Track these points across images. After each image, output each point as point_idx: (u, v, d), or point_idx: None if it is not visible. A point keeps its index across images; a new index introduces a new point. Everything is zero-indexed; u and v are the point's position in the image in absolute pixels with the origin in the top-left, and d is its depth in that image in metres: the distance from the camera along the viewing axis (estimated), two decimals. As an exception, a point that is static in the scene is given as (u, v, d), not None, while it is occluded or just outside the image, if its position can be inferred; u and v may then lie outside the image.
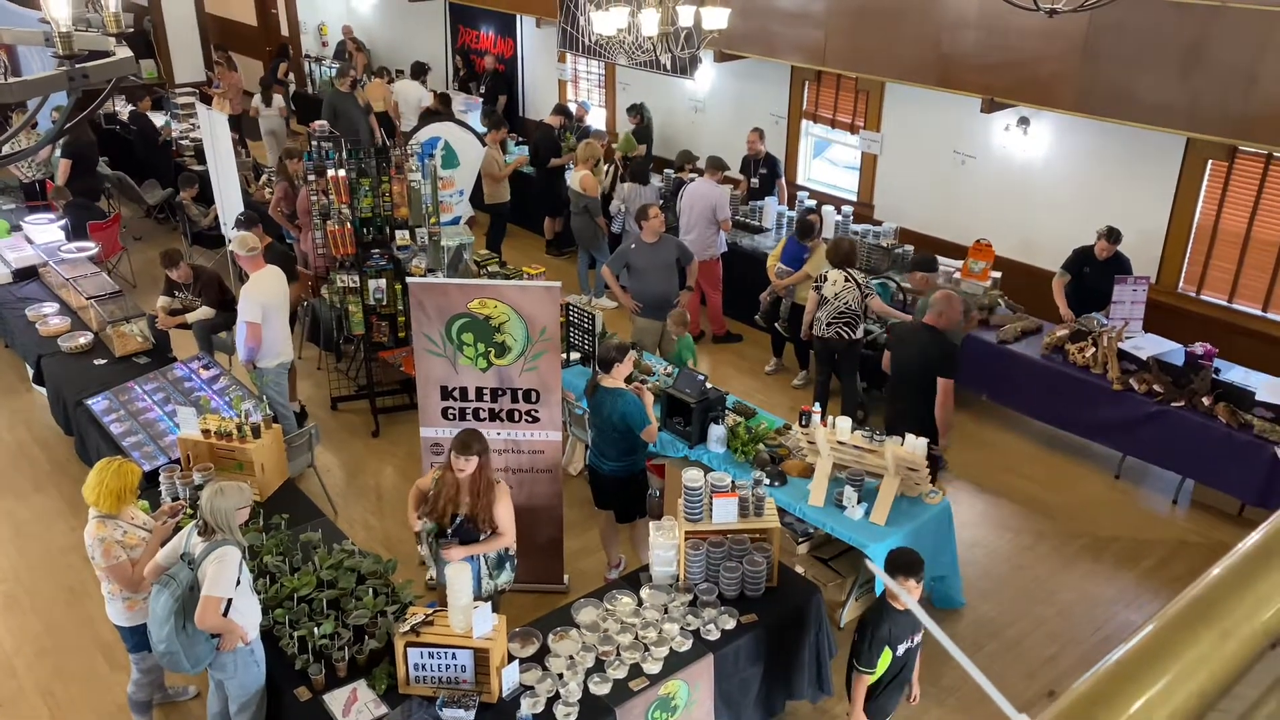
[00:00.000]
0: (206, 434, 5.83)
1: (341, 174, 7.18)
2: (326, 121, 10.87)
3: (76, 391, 7.02)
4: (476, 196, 10.19)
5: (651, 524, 5.15)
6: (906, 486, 5.65)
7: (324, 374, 8.56)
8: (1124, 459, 7.36)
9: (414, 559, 6.15)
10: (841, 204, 9.93)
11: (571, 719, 4.22)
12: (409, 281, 5.82)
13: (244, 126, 13.81)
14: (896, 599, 4.26)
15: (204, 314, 7.74)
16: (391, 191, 7.38)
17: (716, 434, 6.19)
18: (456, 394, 5.69)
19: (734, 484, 5.09)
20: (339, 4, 17.42)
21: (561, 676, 4.42)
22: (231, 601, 4.16)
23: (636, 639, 4.64)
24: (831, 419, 5.94)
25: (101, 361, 7.43)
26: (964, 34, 8.06)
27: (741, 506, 5.04)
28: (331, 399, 8.25)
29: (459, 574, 4.26)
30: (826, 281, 7.36)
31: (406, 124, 12.23)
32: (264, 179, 11.19)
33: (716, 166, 8.99)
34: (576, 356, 7.21)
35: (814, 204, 9.71)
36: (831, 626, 5.35)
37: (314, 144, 7.60)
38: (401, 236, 7.43)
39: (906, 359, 6.35)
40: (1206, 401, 6.69)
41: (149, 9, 15.25)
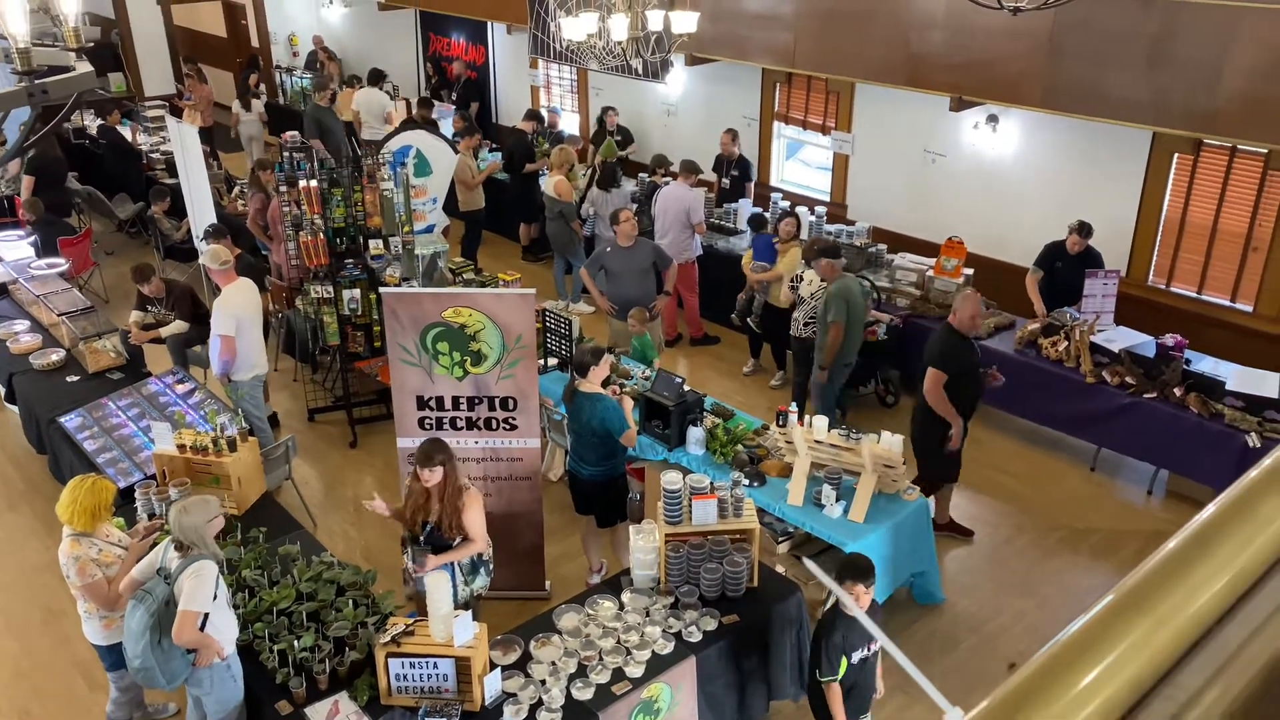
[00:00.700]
0: (182, 449, 5.79)
1: (313, 184, 7.15)
2: (315, 138, 10.82)
3: (49, 409, 6.96)
4: (451, 204, 10.17)
5: (632, 528, 5.16)
6: (884, 484, 5.69)
7: (300, 385, 8.52)
8: (1099, 451, 7.43)
9: (394, 570, 6.12)
10: (815, 204, 9.98)
11: (555, 725, 4.21)
12: (382, 291, 5.80)
13: (215, 138, 13.73)
14: (855, 597, 4.17)
15: (177, 328, 7.69)
16: (364, 201, 7.36)
17: (695, 436, 6.21)
18: (433, 403, 5.68)
19: (713, 485, 5.10)
20: (309, 14, 17.35)
21: (544, 683, 4.42)
22: (208, 616, 4.14)
23: (618, 643, 4.64)
24: (808, 418, 5.97)
25: (74, 378, 7.36)
26: (931, 34, 8.13)
27: (721, 508, 5.05)
28: (308, 410, 8.21)
29: (438, 583, 4.25)
30: (803, 281, 7.39)
31: (370, 132, 12.21)
32: (236, 191, 11.12)
33: (690, 170, 9.01)
34: (554, 362, 7.21)
35: (788, 205, 9.75)
36: (812, 625, 5.37)
37: (285, 155, 7.56)
38: (375, 246, 7.41)
39: (925, 355, 6.36)
40: (1178, 392, 6.77)
41: (116, 22, 15.12)
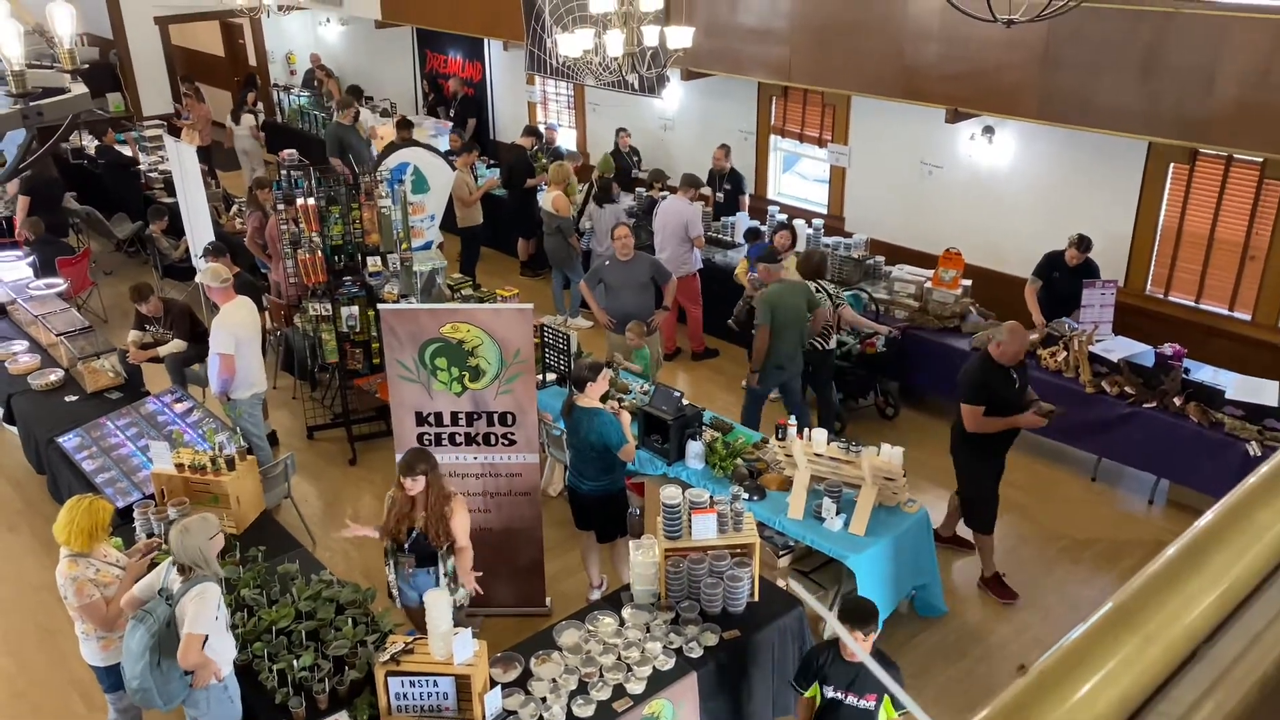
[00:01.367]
0: (180, 468, 5.77)
1: (311, 202, 7.16)
2: (336, 155, 10.82)
3: (48, 429, 6.95)
4: (449, 220, 10.19)
5: (631, 543, 5.14)
6: (884, 496, 5.67)
7: (299, 403, 8.51)
8: (1099, 461, 7.42)
9: (394, 587, 6.10)
10: (812, 217, 10.00)
11: (556, 742, 4.19)
12: (380, 308, 5.80)
13: (214, 157, 13.76)
14: (846, 647, 4.05)
15: (176, 347, 7.68)
16: (362, 218, 7.37)
17: (694, 450, 6.20)
18: (431, 419, 5.67)
19: (712, 500, 5.09)
20: (306, 33, 17.42)
21: (545, 700, 4.39)
22: (208, 638, 4.12)
23: (619, 659, 4.62)
24: (808, 431, 5.96)
25: (73, 398, 7.36)
26: (926, 46, 8.16)
27: (720, 522, 5.04)
28: (307, 428, 8.20)
29: (437, 601, 4.23)
30: (801, 295, 7.39)
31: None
32: (234, 209, 11.14)
33: (690, 184, 9.03)
34: (552, 377, 7.20)
35: (785, 218, 9.77)
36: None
37: (283, 173, 7.58)
38: (373, 263, 7.41)
39: (959, 388, 6.06)
40: (1178, 402, 6.76)
41: (114, 42, 15.19)
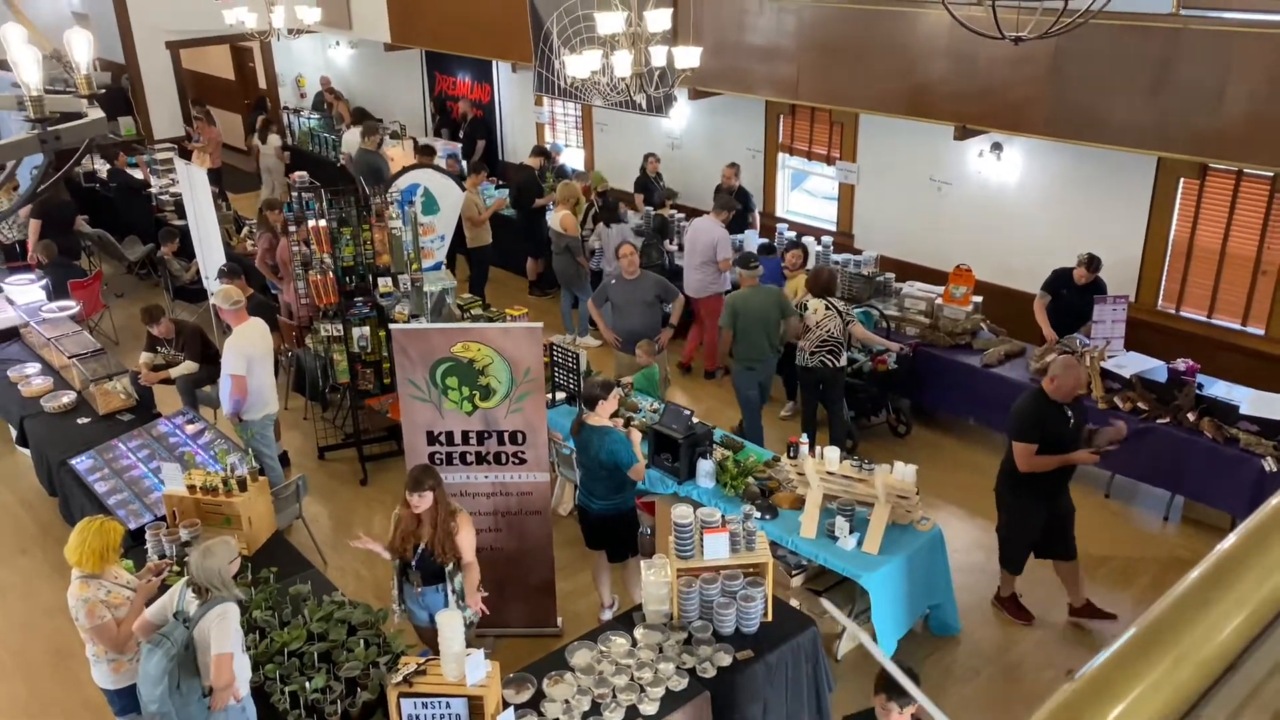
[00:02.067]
0: (192, 489, 5.78)
1: (322, 224, 7.20)
2: (366, 180, 10.88)
3: (60, 452, 6.97)
4: (458, 240, 10.22)
5: (643, 562, 5.12)
6: (898, 515, 5.64)
7: (310, 424, 8.52)
8: (1113, 477, 7.37)
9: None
10: (821, 234, 10.00)
11: (569, 765, 4.16)
12: (391, 328, 5.82)
13: (225, 180, 13.85)
14: (887, 713, 3.90)
15: (187, 368, 7.71)
16: (373, 239, 7.40)
17: (705, 469, 6.18)
18: (443, 438, 5.67)
19: (724, 519, 5.07)
20: (316, 56, 17.56)
21: (557, 721, 4.37)
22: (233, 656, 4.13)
23: (632, 680, 4.59)
24: (820, 449, 5.94)
25: (85, 420, 7.38)
26: (934, 63, 8.18)
27: (733, 541, 5.01)
28: (319, 448, 8.21)
29: (449, 622, 4.22)
30: (807, 310, 7.40)
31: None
32: (245, 231, 11.20)
33: (723, 207, 9.03)
34: (562, 396, 7.20)
35: (794, 235, 9.78)
36: (829, 660, 5.31)
37: (294, 195, 7.62)
38: (384, 284, 7.44)
39: (1010, 425, 5.84)
40: (1191, 417, 6.72)
41: (126, 67, 15.33)
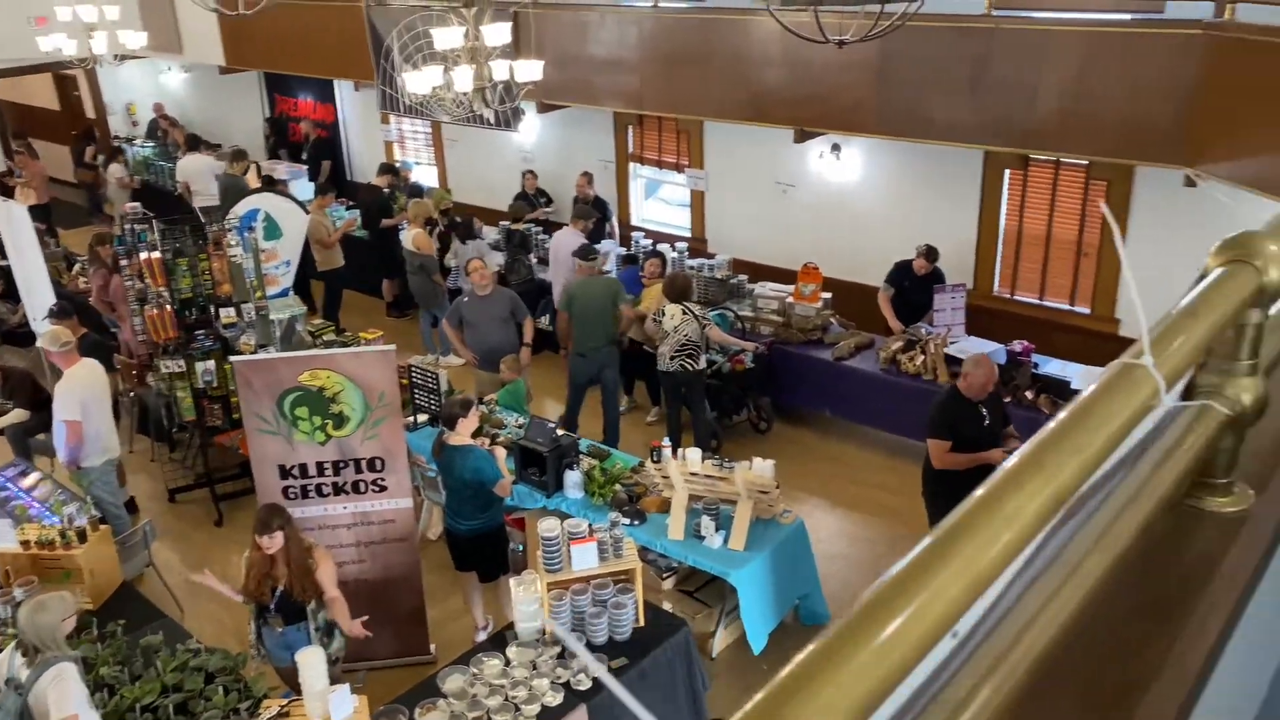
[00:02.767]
0: (26, 545, 5.43)
1: (155, 255, 6.87)
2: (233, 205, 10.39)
3: (-126, 517, 6.42)
4: (309, 264, 9.93)
5: (512, 580, 5.07)
6: (760, 509, 5.76)
7: (158, 466, 8.11)
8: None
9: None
10: (676, 240, 10.15)
11: (444, 793, 4.08)
12: (232, 360, 5.60)
13: (53, 215, 13.08)
14: None
15: (17, 417, 7.23)
16: (211, 269, 7.11)
17: (572, 480, 6.17)
18: (296, 471, 5.49)
19: (591, 529, 5.07)
20: (148, 82, 16.77)
21: (431, 750, 4.28)
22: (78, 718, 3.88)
23: (506, 700, 4.54)
24: (682, 451, 6.02)
25: (-98, 481, 6.83)
26: (770, 70, 8.42)
27: (601, 550, 5.02)
28: (169, 491, 7.82)
29: (309, 659, 4.08)
30: (665, 316, 7.49)
31: (201, 200, 11.89)
32: (77, 268, 10.60)
33: (582, 216, 9.06)
34: (424, 418, 7.08)
35: (650, 244, 9.89)
36: (703, 659, 5.38)
37: (125, 227, 7.26)
38: (227, 315, 7.16)
39: (928, 423, 5.81)
40: (1030, 395, 7.10)
41: (-65, 100, 14.32)
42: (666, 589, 6.02)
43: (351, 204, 12.07)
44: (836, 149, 9.24)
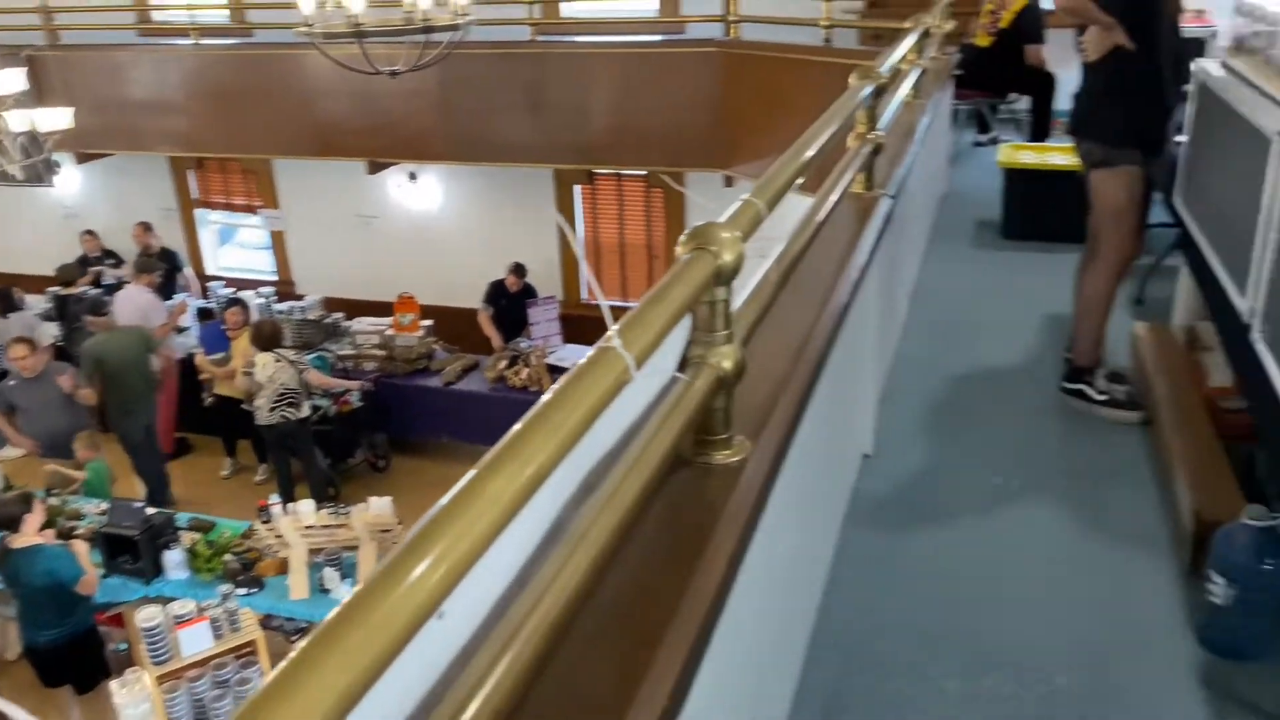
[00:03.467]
0: None
1: None
2: None
3: None
4: None
5: (113, 683, 4.54)
6: (385, 549, 5.64)
7: None
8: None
9: None
10: (261, 285, 9.63)
11: None
12: None
13: None
14: None
15: None
16: None
17: (174, 559, 5.63)
18: None
19: (200, 607, 4.68)
20: None
21: None
22: None
23: (124, 817, 4.06)
24: (293, 506, 5.73)
25: None
26: (334, 104, 8.26)
27: (215, 628, 4.65)
28: None
29: None
30: (256, 366, 7.09)
31: None
32: None
33: (145, 269, 8.18)
34: (-22, 525, 6.10)
35: (231, 292, 9.29)
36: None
37: None
38: None
39: None
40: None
41: None
42: (298, 651, 5.70)
43: None
44: (413, 177, 9.28)
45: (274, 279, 10.20)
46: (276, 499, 5.78)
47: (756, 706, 1.73)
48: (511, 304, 8.29)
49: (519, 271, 8.25)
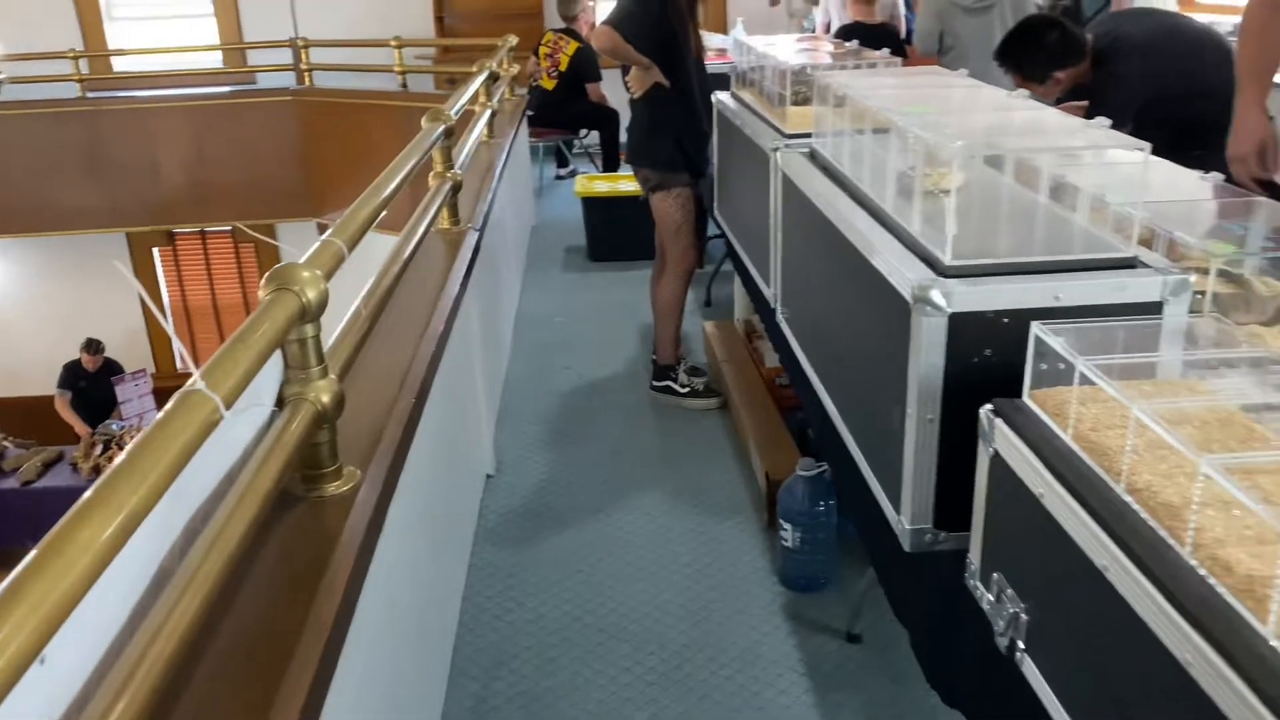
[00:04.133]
0: None
1: None
2: None
3: None
4: None
5: None
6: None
7: None
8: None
9: None
10: None
11: None
12: None
13: None
14: None
15: None
16: None
17: None
18: None
19: None
20: None
21: None
22: None
23: None
24: None
25: None
26: None
27: None
28: None
29: None
30: None
31: None
32: None
33: None
34: None
35: None
36: None
37: None
38: None
39: None
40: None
41: None
42: None
43: None
44: (-47, 256, 8.11)
45: None
46: None
47: (403, 724, 1.80)
48: (93, 384, 7.50)
49: (92, 348, 7.49)
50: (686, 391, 3.62)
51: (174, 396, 1.09)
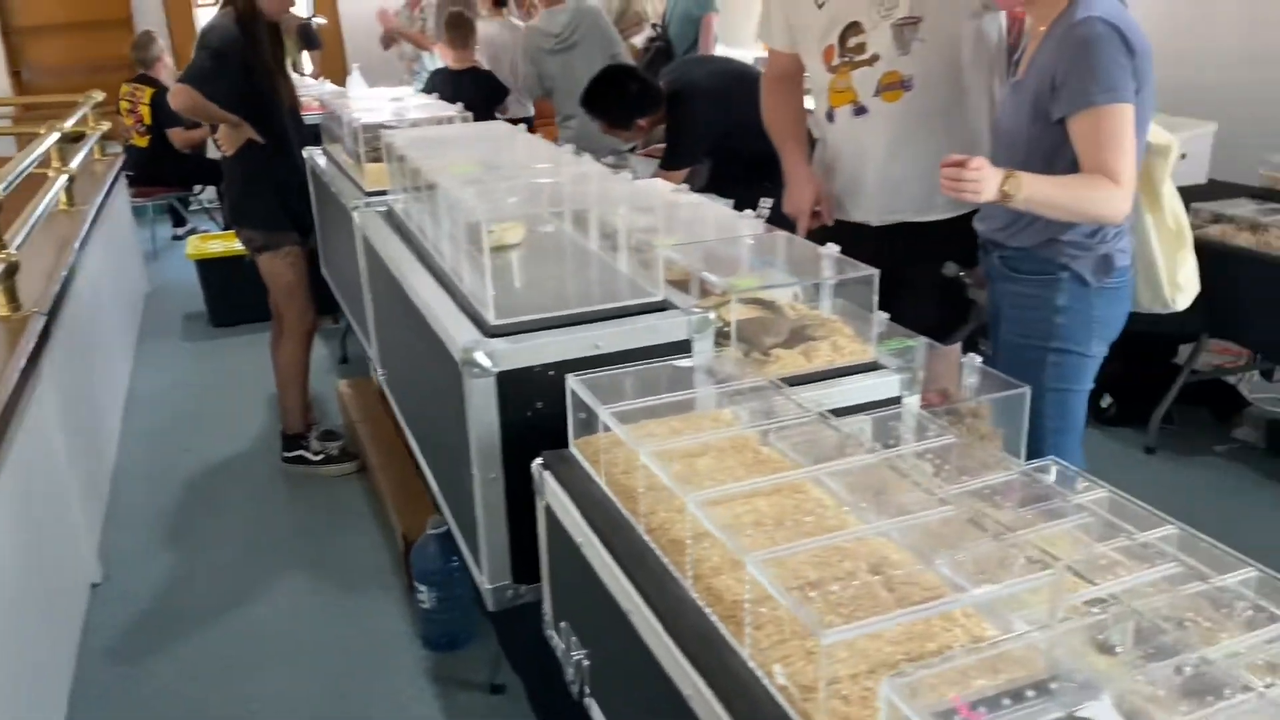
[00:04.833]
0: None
1: None
2: None
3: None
4: None
5: None
6: None
7: None
8: None
9: None
10: None
11: None
12: None
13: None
14: None
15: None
16: None
17: None
18: None
19: None
20: None
21: None
22: None
23: None
24: None
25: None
26: None
27: None
28: None
29: None
30: None
31: None
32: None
33: None
34: None
35: None
36: None
37: None
38: None
39: None
40: None
41: None
42: None
43: None
44: None
45: None
46: None
47: None
48: None
49: None
50: (320, 459, 3.46)
51: None
